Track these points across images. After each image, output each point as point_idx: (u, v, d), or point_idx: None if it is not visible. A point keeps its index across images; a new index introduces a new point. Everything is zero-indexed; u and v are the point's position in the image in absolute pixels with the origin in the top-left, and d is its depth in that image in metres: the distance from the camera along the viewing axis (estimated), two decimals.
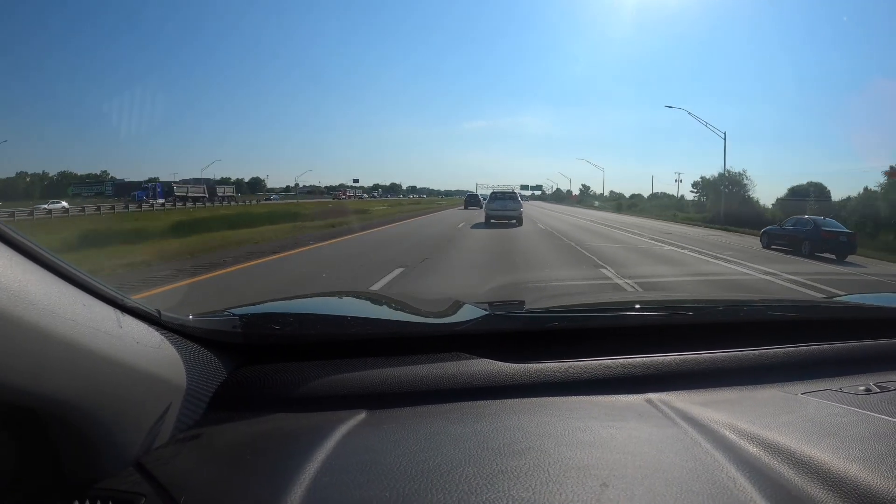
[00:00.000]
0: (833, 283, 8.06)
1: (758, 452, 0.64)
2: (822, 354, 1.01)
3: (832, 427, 0.69)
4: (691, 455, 0.64)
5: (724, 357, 0.96)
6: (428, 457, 0.63)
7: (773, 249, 14.66)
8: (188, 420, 0.73)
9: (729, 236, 20.68)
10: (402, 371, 0.85)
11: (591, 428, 0.72)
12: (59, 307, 0.54)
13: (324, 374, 0.84)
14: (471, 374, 0.86)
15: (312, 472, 0.60)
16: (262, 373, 0.84)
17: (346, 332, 0.96)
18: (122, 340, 0.62)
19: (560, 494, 0.55)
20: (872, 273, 10.76)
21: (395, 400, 0.80)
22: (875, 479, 0.55)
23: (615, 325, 1.07)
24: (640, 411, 0.78)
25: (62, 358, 0.54)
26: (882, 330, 1.09)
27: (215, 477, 0.63)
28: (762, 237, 16.38)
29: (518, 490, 0.56)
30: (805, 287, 7.62)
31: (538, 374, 0.87)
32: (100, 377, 0.58)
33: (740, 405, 0.80)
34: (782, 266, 10.18)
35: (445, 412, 0.78)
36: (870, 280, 9.62)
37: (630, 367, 0.91)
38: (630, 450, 0.65)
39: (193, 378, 0.74)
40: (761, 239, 16.36)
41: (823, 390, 0.85)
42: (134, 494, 0.59)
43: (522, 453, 0.64)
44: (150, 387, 0.66)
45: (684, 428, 0.72)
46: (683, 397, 0.83)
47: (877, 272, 10.96)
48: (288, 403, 0.80)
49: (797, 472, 0.60)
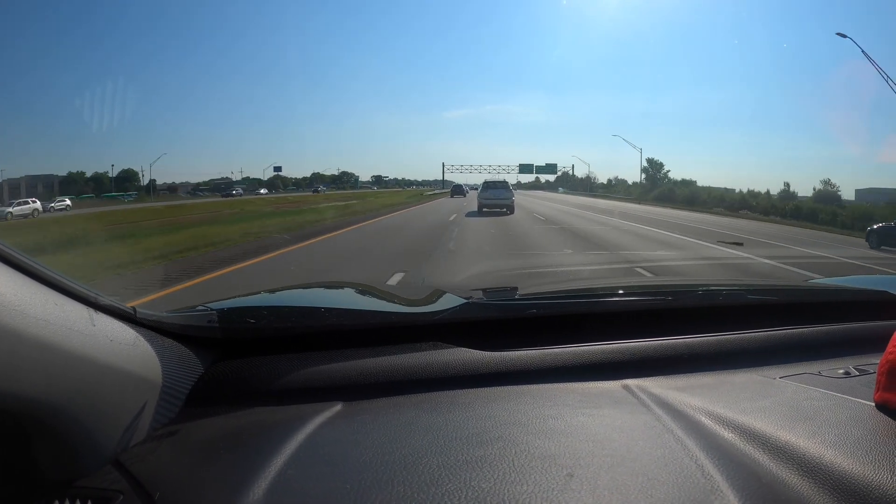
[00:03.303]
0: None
1: (732, 438, 0.64)
2: (801, 338, 1.00)
3: (809, 411, 0.68)
4: (661, 443, 0.64)
5: (703, 342, 0.96)
6: (395, 447, 0.63)
7: (884, 251, 13.02)
8: (165, 416, 0.74)
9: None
10: (379, 362, 0.85)
11: (562, 416, 0.71)
12: (29, 307, 0.54)
13: (301, 366, 0.84)
14: (447, 364, 0.86)
15: (279, 466, 0.60)
16: (238, 367, 0.85)
17: (323, 324, 0.96)
18: (95, 339, 0.62)
19: (523, 485, 0.55)
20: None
21: (372, 391, 0.80)
22: (850, 464, 0.54)
23: (593, 311, 1.07)
24: (615, 398, 0.78)
25: (34, 358, 0.54)
26: (861, 313, 1.09)
27: (190, 472, 0.63)
28: (869, 237, 14.74)
29: (480, 480, 0.56)
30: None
31: (515, 361, 0.87)
32: (74, 376, 0.59)
33: (717, 390, 0.80)
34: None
35: (420, 402, 0.78)
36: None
37: (607, 353, 0.91)
38: (599, 438, 0.65)
39: (170, 374, 0.74)
40: (868, 239, 14.75)
41: (802, 374, 0.84)
42: (112, 492, 0.60)
43: (490, 442, 0.64)
44: (125, 384, 0.66)
45: (658, 414, 0.71)
46: (661, 383, 0.82)
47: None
48: (265, 397, 0.80)
49: (771, 457, 0.59)
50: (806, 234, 18.31)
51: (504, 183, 22.15)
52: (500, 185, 21.59)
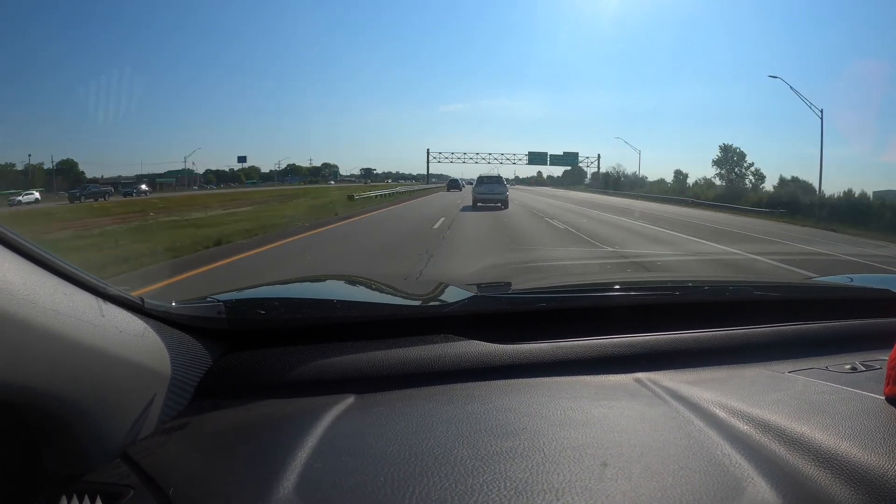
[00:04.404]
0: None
1: (749, 430, 0.64)
2: (807, 334, 1.01)
3: (821, 404, 0.69)
4: (685, 432, 0.64)
5: (711, 336, 0.96)
6: (420, 439, 0.63)
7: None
8: (174, 409, 0.73)
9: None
10: (390, 354, 0.85)
11: (581, 407, 0.71)
12: (39, 297, 0.53)
13: (311, 358, 0.83)
14: (459, 356, 0.85)
15: (304, 458, 0.59)
16: (248, 359, 0.84)
17: (333, 316, 0.95)
18: (104, 329, 0.61)
19: (558, 475, 0.55)
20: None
21: (384, 383, 0.80)
22: (865, 455, 0.55)
23: (602, 305, 1.07)
24: (630, 390, 0.78)
25: (43, 348, 0.53)
26: (865, 310, 1.10)
27: (204, 465, 0.62)
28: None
29: (515, 471, 0.55)
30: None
31: (527, 354, 0.87)
32: (82, 367, 0.58)
33: (728, 384, 0.80)
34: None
35: (434, 394, 0.77)
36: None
37: (618, 346, 0.91)
38: (624, 428, 0.65)
39: (178, 366, 0.73)
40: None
41: (810, 369, 0.85)
42: (122, 486, 0.58)
43: (516, 434, 0.64)
44: (134, 376, 0.65)
45: (675, 406, 0.71)
46: (672, 376, 0.83)
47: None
48: (275, 389, 0.79)
49: (789, 448, 0.60)
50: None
51: (498, 178, 22.83)
52: (494, 180, 22.20)
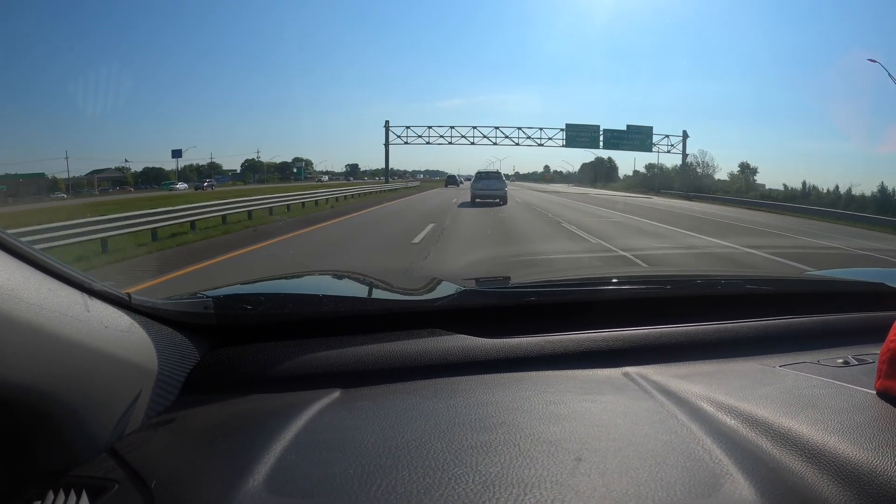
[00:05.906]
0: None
1: (735, 424, 0.64)
2: (799, 328, 1.01)
3: (811, 399, 0.68)
4: (667, 427, 0.64)
5: (702, 330, 0.96)
6: (397, 433, 0.63)
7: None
8: (161, 404, 0.73)
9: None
10: (377, 348, 0.84)
11: (565, 401, 0.71)
12: (23, 292, 0.53)
13: (298, 353, 0.83)
14: (446, 350, 0.85)
15: (279, 451, 0.59)
16: (235, 354, 0.84)
17: (321, 311, 0.95)
18: (89, 325, 0.61)
19: (531, 469, 0.55)
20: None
21: (370, 378, 0.80)
22: (854, 450, 0.54)
23: (592, 299, 1.06)
24: (616, 385, 0.78)
25: (27, 344, 0.53)
26: (857, 304, 1.09)
27: (186, 460, 0.62)
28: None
29: (487, 465, 0.55)
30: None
31: (514, 349, 0.87)
32: (68, 363, 0.58)
33: (717, 378, 0.80)
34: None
35: (419, 388, 0.77)
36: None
37: (607, 340, 0.91)
38: (604, 423, 0.65)
39: (165, 361, 0.73)
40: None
41: (801, 363, 0.84)
42: (107, 481, 0.59)
43: (494, 428, 0.63)
44: (120, 371, 0.65)
45: (661, 401, 0.71)
46: (661, 370, 0.83)
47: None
48: (262, 384, 0.79)
49: (775, 443, 0.59)
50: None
51: (497, 174, 22.35)
52: (493, 176, 21.63)
